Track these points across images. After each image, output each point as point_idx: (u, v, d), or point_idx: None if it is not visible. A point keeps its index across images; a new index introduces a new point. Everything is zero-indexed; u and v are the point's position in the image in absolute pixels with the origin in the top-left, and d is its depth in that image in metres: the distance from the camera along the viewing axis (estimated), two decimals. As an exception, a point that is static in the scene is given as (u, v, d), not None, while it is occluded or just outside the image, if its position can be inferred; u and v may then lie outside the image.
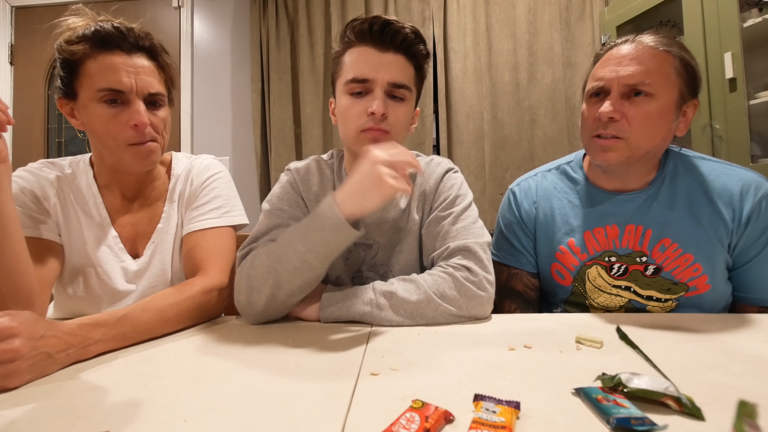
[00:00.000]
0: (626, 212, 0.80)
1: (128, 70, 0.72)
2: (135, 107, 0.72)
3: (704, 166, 0.79)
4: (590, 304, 0.85)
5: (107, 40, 0.71)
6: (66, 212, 0.81)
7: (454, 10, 2.32)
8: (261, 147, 2.45)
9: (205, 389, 0.45)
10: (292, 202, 0.82)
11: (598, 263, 0.82)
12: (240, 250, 0.75)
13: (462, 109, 2.31)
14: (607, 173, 0.81)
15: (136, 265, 0.83)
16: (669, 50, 0.72)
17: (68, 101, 0.75)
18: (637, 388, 0.39)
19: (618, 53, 0.75)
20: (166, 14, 2.58)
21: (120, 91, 0.71)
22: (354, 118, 0.74)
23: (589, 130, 0.77)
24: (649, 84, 0.71)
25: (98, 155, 0.82)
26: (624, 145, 0.73)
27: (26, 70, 2.60)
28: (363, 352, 0.55)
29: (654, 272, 0.78)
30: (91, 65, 0.71)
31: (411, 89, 0.76)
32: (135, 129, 0.73)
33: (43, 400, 0.44)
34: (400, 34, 0.72)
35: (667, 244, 0.77)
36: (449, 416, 0.37)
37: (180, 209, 0.87)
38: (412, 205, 0.84)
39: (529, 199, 0.91)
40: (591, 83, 0.78)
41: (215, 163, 0.93)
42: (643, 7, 1.81)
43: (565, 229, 0.85)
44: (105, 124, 0.72)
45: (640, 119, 0.72)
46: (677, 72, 0.72)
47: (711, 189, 0.77)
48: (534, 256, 0.90)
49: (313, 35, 2.43)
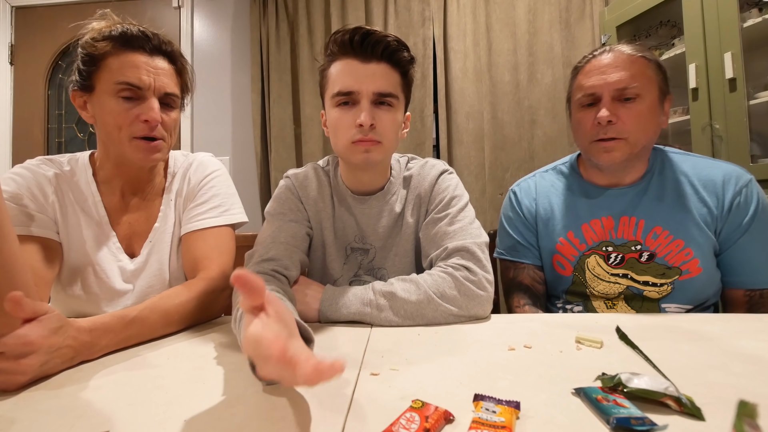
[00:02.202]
0: (620, 205, 0.87)
1: (149, 69, 0.75)
2: (150, 104, 0.75)
3: (689, 161, 0.87)
4: (590, 292, 0.89)
5: (131, 41, 0.75)
6: (64, 210, 0.80)
7: (454, 10, 2.32)
8: (261, 147, 2.44)
9: (205, 389, 0.45)
10: (293, 206, 0.83)
11: (596, 253, 0.88)
12: (247, 253, 0.76)
13: (462, 109, 2.31)
14: (603, 171, 0.88)
15: (133, 265, 0.82)
16: (644, 56, 0.82)
17: (83, 93, 0.77)
18: (637, 388, 0.39)
19: (600, 63, 0.83)
20: (166, 14, 2.58)
21: (138, 87, 0.74)
22: (344, 130, 0.75)
23: (589, 135, 0.84)
24: (636, 86, 0.79)
25: (103, 150, 0.82)
26: (624, 144, 0.81)
27: (26, 70, 2.60)
28: (363, 352, 0.55)
29: (648, 258, 0.84)
30: (113, 61, 0.74)
31: (398, 96, 0.76)
32: (146, 124, 0.75)
33: (43, 400, 0.44)
34: (381, 43, 0.72)
35: (659, 232, 0.83)
36: (449, 416, 0.37)
37: (177, 208, 0.87)
38: (406, 209, 0.84)
39: (530, 196, 0.97)
40: (580, 93, 0.85)
41: (213, 160, 0.93)
42: (643, 7, 1.81)
43: (564, 222, 0.91)
44: (116, 116, 0.74)
45: (634, 118, 0.80)
46: (654, 73, 0.82)
47: (696, 180, 0.84)
48: (537, 249, 0.96)
49: (313, 35, 2.43)
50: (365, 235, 0.84)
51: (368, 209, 0.84)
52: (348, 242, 0.85)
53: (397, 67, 0.76)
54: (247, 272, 0.35)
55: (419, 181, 0.85)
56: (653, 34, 1.96)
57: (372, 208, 0.84)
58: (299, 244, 0.79)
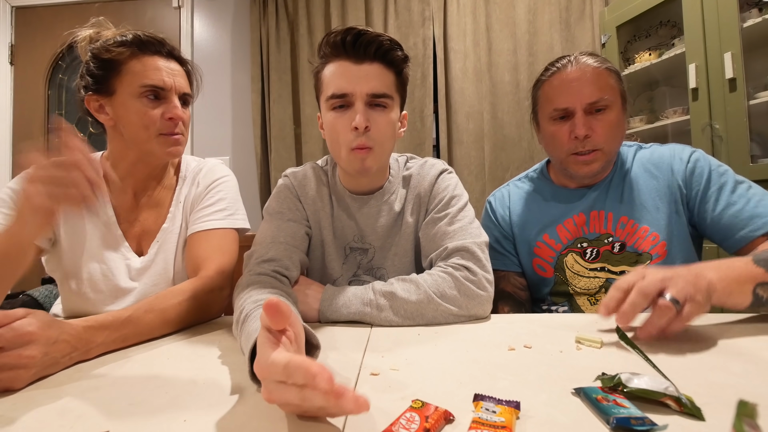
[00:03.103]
0: (588, 201, 0.91)
1: (168, 71, 0.81)
2: (173, 103, 0.81)
3: (641, 152, 0.93)
4: (573, 290, 0.91)
5: (147, 45, 0.80)
6: (68, 214, 0.82)
7: (454, 10, 2.32)
8: (261, 147, 2.45)
9: (205, 389, 0.45)
10: (291, 205, 0.83)
11: (573, 251, 0.91)
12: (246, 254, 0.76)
13: (462, 109, 2.31)
14: (575, 178, 0.91)
15: (140, 263, 0.84)
16: (608, 67, 0.86)
17: (100, 97, 0.81)
18: (637, 388, 0.39)
19: (567, 77, 0.86)
20: (166, 14, 2.58)
21: (162, 88, 0.80)
22: (340, 134, 0.74)
23: (566, 149, 0.87)
24: (606, 98, 0.84)
25: (121, 149, 0.84)
26: (601, 155, 0.85)
27: (26, 70, 2.60)
28: (363, 352, 0.55)
29: (620, 249, 0.88)
30: (135, 65, 0.79)
31: (392, 96, 0.75)
32: (170, 121, 0.81)
33: (43, 400, 0.44)
34: (374, 43, 0.71)
35: (625, 222, 0.88)
36: (449, 416, 0.37)
37: (185, 210, 0.89)
38: (405, 208, 0.84)
39: (504, 205, 1.02)
40: (550, 108, 0.88)
41: (223, 167, 0.95)
42: (643, 7, 1.81)
43: (539, 226, 0.95)
44: (143, 116, 0.79)
45: (606, 129, 0.84)
46: (617, 83, 0.86)
47: (650, 165, 0.90)
48: (516, 256, 0.99)
49: (313, 35, 2.43)
50: (364, 234, 0.84)
51: (367, 209, 0.84)
52: (347, 242, 0.85)
53: (391, 67, 0.75)
54: (279, 300, 0.36)
55: (419, 180, 0.85)
56: (653, 34, 1.97)
57: (371, 208, 0.84)
58: (298, 244, 0.79)
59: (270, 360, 0.35)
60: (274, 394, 0.35)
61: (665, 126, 1.84)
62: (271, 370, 0.35)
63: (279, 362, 0.34)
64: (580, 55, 0.88)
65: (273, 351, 0.35)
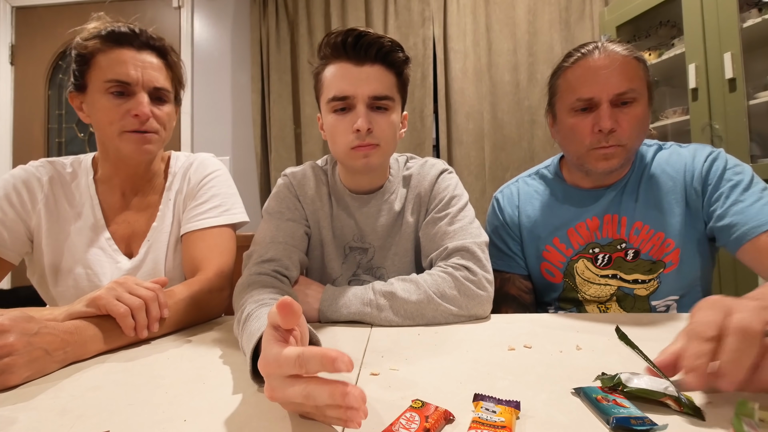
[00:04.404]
0: (603, 204, 0.86)
1: (136, 64, 0.76)
2: (139, 98, 0.76)
3: (660, 153, 0.86)
4: (582, 297, 0.88)
5: (119, 38, 0.75)
6: (53, 216, 0.81)
7: (454, 10, 2.32)
8: (261, 147, 2.45)
9: (205, 389, 0.45)
10: (290, 204, 0.83)
11: (584, 256, 0.86)
12: (246, 254, 0.76)
13: (462, 109, 2.31)
14: (591, 176, 0.85)
15: (130, 264, 0.82)
16: (637, 57, 0.78)
17: (78, 94, 0.79)
18: (637, 387, 0.39)
19: (594, 64, 0.77)
20: (166, 14, 2.58)
21: (126, 83, 0.75)
22: (341, 136, 0.74)
23: (586, 144, 0.79)
24: (634, 90, 0.76)
25: (103, 149, 0.83)
26: (622, 150, 0.78)
27: (26, 70, 2.60)
28: (363, 352, 0.55)
29: (634, 256, 0.83)
30: (102, 59, 0.75)
31: (393, 98, 0.75)
32: (136, 118, 0.76)
33: (43, 400, 0.44)
34: (375, 44, 0.71)
35: (640, 227, 0.83)
36: (449, 416, 0.37)
37: (176, 207, 0.87)
38: (406, 208, 0.84)
39: (512, 203, 0.95)
40: (573, 98, 0.79)
41: (213, 160, 0.93)
42: (643, 7, 1.81)
43: (549, 228, 0.89)
44: (107, 113, 0.76)
45: (632, 124, 0.76)
46: (645, 74, 0.78)
47: (669, 168, 0.83)
48: (523, 258, 0.94)
49: (313, 35, 2.43)
50: (364, 234, 0.84)
51: (367, 208, 0.84)
52: (346, 241, 0.85)
53: (392, 68, 0.75)
54: (292, 300, 0.36)
55: (419, 180, 0.85)
56: (653, 34, 1.97)
57: (371, 207, 0.84)
58: (298, 243, 0.79)
59: (282, 354, 0.35)
60: (278, 391, 0.35)
61: (665, 126, 1.84)
62: (282, 363, 0.35)
63: (291, 354, 0.34)
64: (608, 43, 0.79)
65: (279, 348, 0.35)
